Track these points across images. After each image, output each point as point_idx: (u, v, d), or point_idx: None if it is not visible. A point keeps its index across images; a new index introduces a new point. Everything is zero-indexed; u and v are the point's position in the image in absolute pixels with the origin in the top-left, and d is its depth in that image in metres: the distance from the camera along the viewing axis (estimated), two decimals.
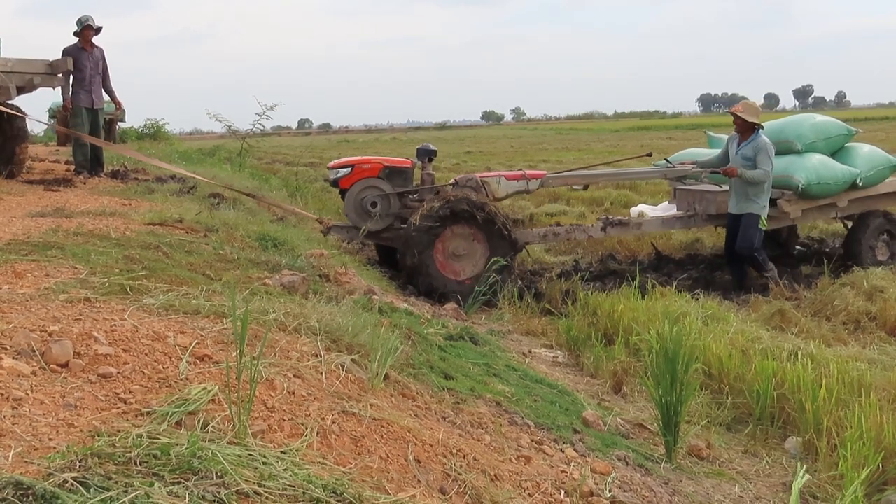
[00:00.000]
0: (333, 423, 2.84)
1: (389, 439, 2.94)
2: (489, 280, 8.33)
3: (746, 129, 9.08)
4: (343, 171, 9.51)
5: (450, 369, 4.53)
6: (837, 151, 9.79)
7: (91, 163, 11.82)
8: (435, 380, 4.15)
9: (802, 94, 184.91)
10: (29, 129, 10.98)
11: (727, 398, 5.43)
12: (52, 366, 2.79)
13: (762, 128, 9.12)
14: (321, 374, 3.29)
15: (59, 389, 2.64)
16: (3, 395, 2.50)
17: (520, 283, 9.17)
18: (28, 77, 10.38)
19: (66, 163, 14.06)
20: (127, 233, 5.83)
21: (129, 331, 3.24)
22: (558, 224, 13.28)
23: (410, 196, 9.46)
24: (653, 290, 8.07)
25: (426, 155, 9.70)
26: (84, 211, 6.98)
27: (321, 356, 3.46)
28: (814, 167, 9.31)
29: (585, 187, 10.77)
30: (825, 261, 9.35)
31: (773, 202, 9.27)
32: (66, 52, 11.47)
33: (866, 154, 9.78)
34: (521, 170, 10.09)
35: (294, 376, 3.15)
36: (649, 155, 11.93)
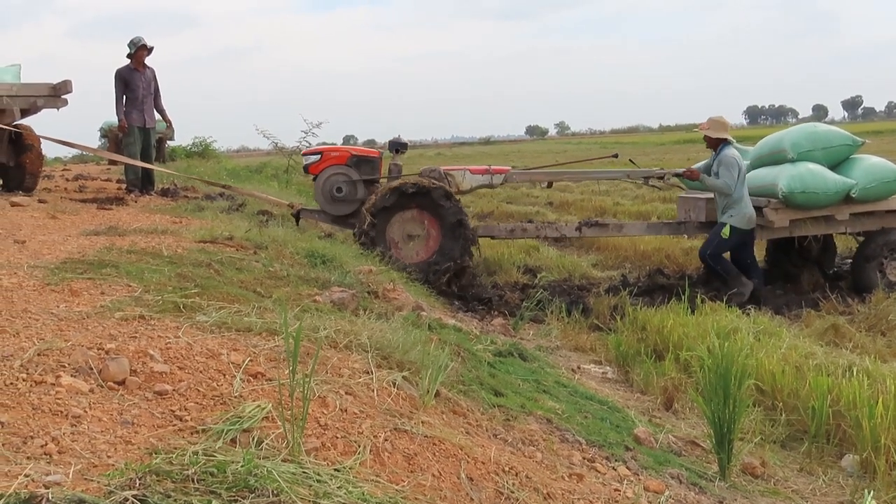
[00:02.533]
0: (386, 440, 2.85)
1: (441, 457, 2.94)
2: (537, 295, 8.36)
3: (716, 145, 9.29)
4: (313, 158, 10.02)
5: (499, 386, 4.51)
6: (842, 163, 9.46)
7: (142, 181, 12.03)
8: (485, 396, 4.14)
9: (851, 104, 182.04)
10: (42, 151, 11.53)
11: (781, 415, 5.34)
12: (109, 383, 2.83)
13: (729, 142, 9.23)
14: (373, 391, 3.29)
15: (117, 407, 2.67)
16: (62, 412, 2.54)
17: (568, 298, 9.15)
18: (32, 100, 10.93)
19: (118, 181, 14.30)
20: (179, 250, 5.90)
21: (184, 348, 3.28)
22: (529, 221, 13.31)
23: (377, 184, 9.77)
24: (702, 304, 7.97)
25: (396, 147, 10.14)
26: (136, 229, 7.08)
27: (372, 373, 3.47)
28: (799, 175, 9.05)
29: (549, 185, 10.92)
30: (879, 275, 9.19)
31: (759, 211, 9.23)
32: (118, 74, 11.75)
33: (869, 166, 9.37)
34: (487, 165, 10.40)
35: (346, 393, 3.16)
36: (615, 156, 12.06)
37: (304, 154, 10.33)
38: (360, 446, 2.70)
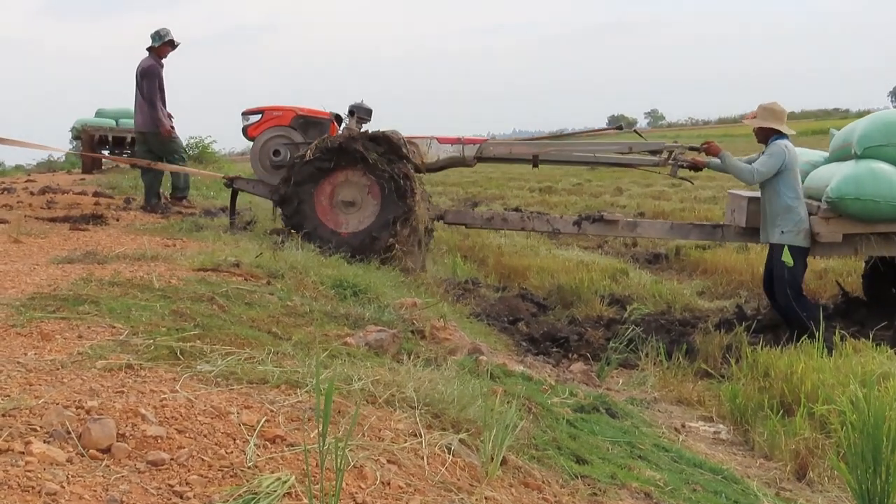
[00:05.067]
0: None
1: None
2: (627, 333, 8.33)
3: (767, 136, 9.21)
4: (253, 119, 10.61)
5: (582, 450, 4.49)
6: None
7: (153, 191, 12.71)
8: (564, 464, 4.12)
9: None
10: None
11: None
12: (91, 451, 2.86)
13: (783, 135, 9.11)
14: (422, 458, 3.29)
15: (101, 481, 2.70)
16: (33, 487, 2.56)
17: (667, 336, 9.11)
18: None
19: (94, 195, 14.51)
20: (173, 281, 5.97)
21: (183, 406, 3.31)
22: (517, 209, 13.38)
23: None
24: (842, 343, 7.87)
25: (353, 111, 10.48)
26: (120, 255, 7.18)
27: (421, 436, 3.47)
28: (855, 177, 8.83)
29: (535, 164, 10.81)
30: None
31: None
32: (155, 70, 12.64)
33: None
34: (459, 136, 10.78)
35: (388, 462, 3.16)
36: (619, 128, 12.06)
37: (244, 114, 10.76)
38: None
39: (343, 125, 10.60)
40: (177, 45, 12.83)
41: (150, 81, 12.44)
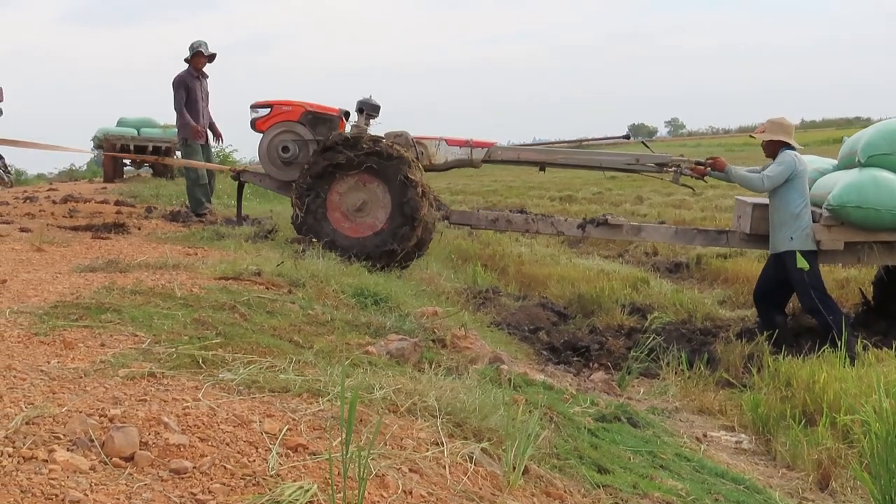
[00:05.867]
0: None
1: None
2: (648, 342, 8.32)
3: (775, 150, 9.24)
4: (262, 112, 10.65)
5: (604, 460, 4.48)
6: None
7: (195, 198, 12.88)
8: (586, 474, 4.11)
9: None
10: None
11: None
12: (114, 459, 2.86)
13: (790, 147, 9.13)
14: (444, 467, 3.29)
15: (124, 489, 2.70)
16: (57, 496, 2.57)
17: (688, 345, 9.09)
18: None
19: (116, 203, 14.58)
20: (195, 290, 5.99)
21: (205, 414, 3.31)
22: (522, 211, 13.40)
23: None
24: (865, 352, 7.84)
25: (362, 108, 10.51)
26: (142, 263, 7.20)
27: (443, 445, 3.46)
28: (857, 185, 8.84)
29: (542, 168, 10.99)
30: None
31: None
32: (180, 80, 12.73)
33: None
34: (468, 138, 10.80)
35: (410, 471, 3.16)
36: (627, 137, 12.20)
37: (253, 107, 10.82)
38: None
39: (351, 121, 10.65)
40: (209, 55, 12.95)
41: (175, 91, 12.68)
